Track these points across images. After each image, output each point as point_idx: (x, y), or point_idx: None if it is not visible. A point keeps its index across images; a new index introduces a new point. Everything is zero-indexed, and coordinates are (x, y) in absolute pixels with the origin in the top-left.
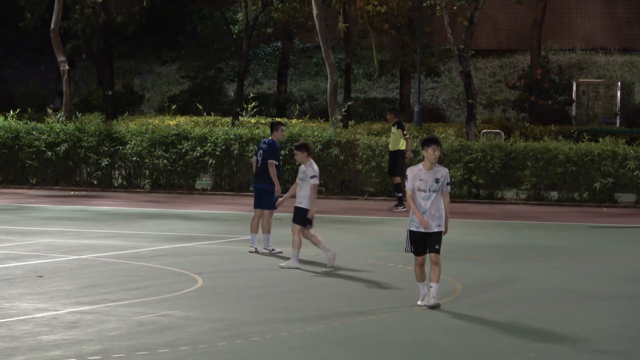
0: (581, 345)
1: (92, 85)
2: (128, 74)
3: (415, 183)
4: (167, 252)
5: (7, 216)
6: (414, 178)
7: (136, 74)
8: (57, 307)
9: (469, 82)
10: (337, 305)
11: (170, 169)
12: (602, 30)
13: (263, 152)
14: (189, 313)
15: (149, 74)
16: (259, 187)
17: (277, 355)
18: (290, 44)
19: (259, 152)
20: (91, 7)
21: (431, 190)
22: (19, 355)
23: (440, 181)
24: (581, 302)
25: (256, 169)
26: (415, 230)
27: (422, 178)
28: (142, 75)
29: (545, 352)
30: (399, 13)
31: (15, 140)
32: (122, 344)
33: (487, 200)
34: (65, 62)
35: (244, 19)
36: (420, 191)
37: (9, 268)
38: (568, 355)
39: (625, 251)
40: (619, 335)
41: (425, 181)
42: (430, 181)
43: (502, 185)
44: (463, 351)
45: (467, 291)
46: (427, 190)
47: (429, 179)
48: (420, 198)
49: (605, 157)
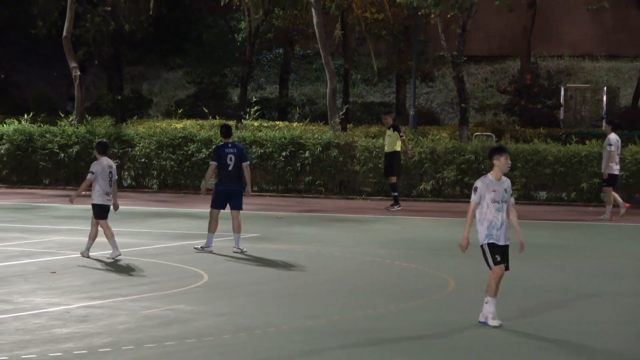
0: (573, 340)
1: (102, 90)
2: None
3: (488, 194)
4: (174, 249)
5: (21, 215)
6: (486, 189)
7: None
8: (69, 301)
9: (461, 87)
10: (337, 301)
11: (177, 170)
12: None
13: (235, 155)
14: (195, 307)
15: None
16: (232, 189)
17: (278, 348)
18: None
19: (229, 157)
20: (101, 15)
21: (503, 202)
22: (32, 348)
23: (507, 192)
24: (572, 298)
25: (228, 172)
26: (498, 244)
27: (495, 189)
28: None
29: (539, 346)
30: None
31: (29, 143)
32: (130, 337)
33: None
34: (76, 68)
35: (247, 26)
36: (495, 202)
37: (23, 264)
38: (559, 349)
39: (612, 248)
40: (609, 331)
41: (497, 192)
42: (501, 192)
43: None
44: (457, 345)
45: (461, 287)
46: (499, 201)
47: (499, 190)
48: (495, 210)
49: (592, 158)
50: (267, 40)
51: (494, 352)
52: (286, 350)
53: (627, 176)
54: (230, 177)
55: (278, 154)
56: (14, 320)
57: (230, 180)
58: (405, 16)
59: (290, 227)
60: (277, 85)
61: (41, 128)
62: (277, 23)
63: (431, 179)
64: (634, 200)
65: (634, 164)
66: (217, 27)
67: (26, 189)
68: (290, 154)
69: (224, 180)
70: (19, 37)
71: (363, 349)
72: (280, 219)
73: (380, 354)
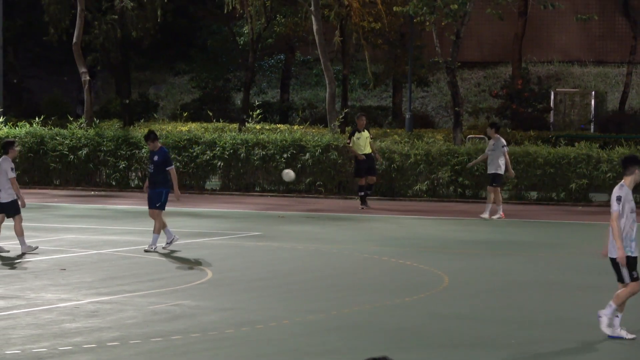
0: (559, 332)
1: (110, 94)
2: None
3: (627, 204)
4: (180, 247)
5: (33, 214)
6: (626, 199)
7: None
8: (79, 297)
9: (455, 91)
10: (335, 296)
11: (182, 171)
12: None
13: (156, 163)
14: (200, 303)
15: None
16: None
17: (280, 341)
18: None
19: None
20: (110, 23)
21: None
22: (44, 342)
23: None
24: (559, 293)
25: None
26: (633, 256)
27: (631, 198)
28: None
29: (527, 338)
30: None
31: (40, 145)
32: (138, 331)
33: (472, 200)
34: (86, 73)
35: (249, 33)
36: (632, 213)
37: (34, 262)
38: (547, 340)
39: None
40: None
41: (633, 202)
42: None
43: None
44: (450, 337)
45: (454, 283)
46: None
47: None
48: (632, 220)
49: (581, 160)
50: (268, 47)
51: (487, 345)
52: (287, 343)
53: (614, 177)
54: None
55: (279, 156)
56: (26, 315)
57: (152, 183)
58: (401, 24)
59: (291, 226)
60: (278, 90)
61: (52, 131)
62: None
63: (426, 179)
64: None
65: (620, 166)
66: (221, 34)
67: (37, 189)
68: (291, 156)
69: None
70: (32, 45)
71: (361, 342)
72: (282, 218)
73: (377, 346)
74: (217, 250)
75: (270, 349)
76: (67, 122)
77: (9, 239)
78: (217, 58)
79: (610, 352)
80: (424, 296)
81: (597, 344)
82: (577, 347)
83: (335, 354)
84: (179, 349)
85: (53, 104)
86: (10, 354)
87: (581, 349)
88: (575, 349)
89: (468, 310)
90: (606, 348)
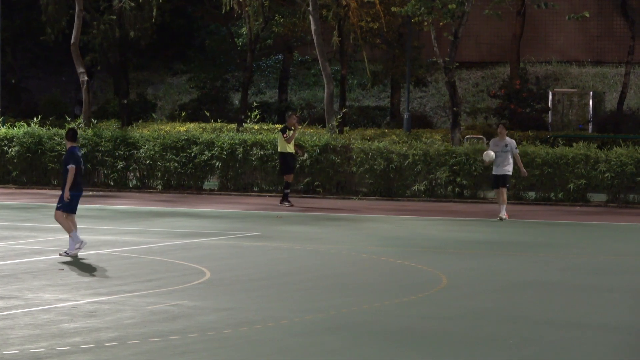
0: (558, 331)
1: (108, 94)
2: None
3: None
4: (178, 247)
5: (31, 214)
6: None
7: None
8: (77, 297)
9: (453, 91)
10: (334, 296)
11: (180, 171)
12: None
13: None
14: (198, 303)
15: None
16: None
17: (278, 342)
18: (290, 57)
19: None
20: (108, 23)
21: None
22: (42, 342)
23: None
24: (558, 293)
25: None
26: None
27: None
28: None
29: (526, 338)
30: (389, 29)
31: (38, 145)
32: (136, 332)
33: (471, 200)
34: (84, 74)
35: (247, 33)
36: None
37: (33, 262)
38: (546, 340)
39: (597, 246)
40: (592, 322)
41: None
42: None
43: (484, 186)
44: (448, 338)
45: (452, 283)
46: None
47: None
48: None
49: (579, 160)
50: (267, 47)
51: (486, 345)
52: (285, 343)
53: (612, 177)
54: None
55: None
56: (24, 315)
57: (82, 183)
58: (399, 24)
59: (289, 226)
60: (276, 90)
61: (50, 131)
62: (277, 30)
63: (424, 179)
64: (619, 200)
65: (618, 166)
66: (219, 35)
67: (35, 190)
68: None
69: (80, 183)
70: (31, 45)
71: (359, 341)
72: (279, 218)
73: (375, 346)
74: (215, 250)
75: (269, 349)
76: (65, 122)
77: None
78: (215, 58)
79: (611, 352)
80: (422, 296)
81: (597, 344)
82: (577, 347)
83: (334, 354)
84: (177, 349)
85: (51, 104)
86: (8, 354)
87: (581, 349)
88: (575, 349)
89: (467, 310)
90: (606, 348)
